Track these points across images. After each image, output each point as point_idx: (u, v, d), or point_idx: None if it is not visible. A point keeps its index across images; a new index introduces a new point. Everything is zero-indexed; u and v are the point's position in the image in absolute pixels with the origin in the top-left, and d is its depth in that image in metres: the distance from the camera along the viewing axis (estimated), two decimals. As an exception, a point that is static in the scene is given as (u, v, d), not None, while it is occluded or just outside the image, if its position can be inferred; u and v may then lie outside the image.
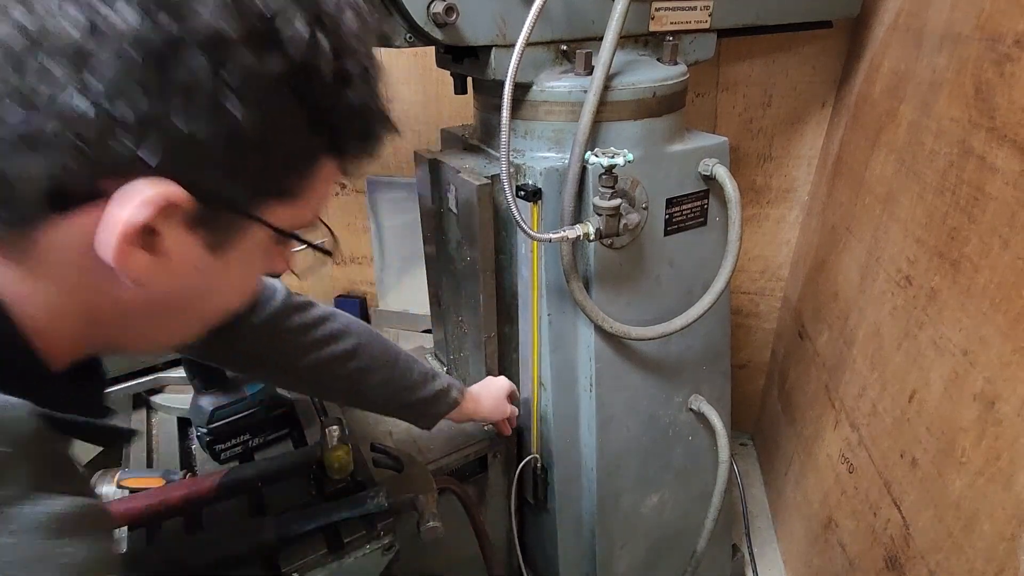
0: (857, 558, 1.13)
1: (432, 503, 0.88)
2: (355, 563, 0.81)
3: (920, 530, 0.93)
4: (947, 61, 0.97)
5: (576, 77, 0.95)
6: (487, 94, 1.07)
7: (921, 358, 0.97)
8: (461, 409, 1.00)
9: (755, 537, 1.63)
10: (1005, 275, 0.78)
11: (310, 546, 0.81)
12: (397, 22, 0.88)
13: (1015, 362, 0.75)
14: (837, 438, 1.27)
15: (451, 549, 1.15)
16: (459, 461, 1.15)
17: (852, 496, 1.18)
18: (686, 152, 1.02)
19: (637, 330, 1.03)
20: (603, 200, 0.88)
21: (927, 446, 0.93)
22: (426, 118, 1.79)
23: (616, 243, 0.99)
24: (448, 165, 1.06)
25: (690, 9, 1.05)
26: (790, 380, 1.65)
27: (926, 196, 0.99)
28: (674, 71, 1.00)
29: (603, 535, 1.20)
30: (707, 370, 1.21)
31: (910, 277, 1.02)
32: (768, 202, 1.68)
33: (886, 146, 1.17)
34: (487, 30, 0.91)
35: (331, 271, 2.17)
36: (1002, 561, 0.74)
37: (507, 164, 0.87)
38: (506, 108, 0.85)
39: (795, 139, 1.59)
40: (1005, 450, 0.76)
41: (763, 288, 1.82)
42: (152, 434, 1.05)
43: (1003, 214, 0.79)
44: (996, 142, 0.81)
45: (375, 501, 0.85)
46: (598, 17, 0.96)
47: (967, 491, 0.82)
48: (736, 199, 0.99)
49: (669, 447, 1.23)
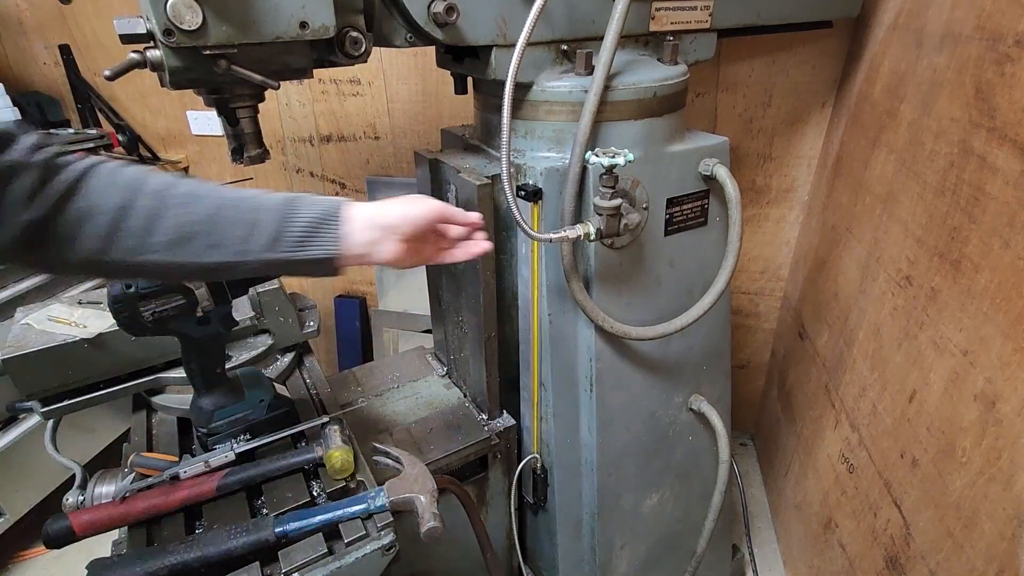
0: (857, 558, 1.13)
1: (432, 503, 0.88)
2: (355, 563, 0.81)
3: (920, 530, 0.93)
4: (947, 61, 0.97)
5: (577, 77, 0.95)
6: (487, 94, 1.07)
7: (921, 358, 0.97)
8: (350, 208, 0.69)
9: (755, 537, 1.63)
10: (1005, 275, 0.78)
11: (310, 546, 0.81)
12: (397, 22, 0.88)
13: (1015, 362, 0.75)
14: (837, 438, 1.27)
15: (451, 549, 1.15)
16: (459, 461, 1.15)
17: (852, 496, 1.18)
18: (686, 152, 1.02)
19: (637, 330, 1.03)
20: (604, 200, 0.88)
21: (927, 446, 0.93)
22: (426, 118, 1.79)
23: (616, 243, 0.99)
24: (448, 165, 1.06)
25: (690, 9, 1.05)
26: (790, 380, 1.65)
27: (926, 196, 0.99)
28: (674, 71, 1.00)
29: (603, 535, 1.20)
30: (707, 370, 1.21)
31: (910, 277, 1.02)
32: (768, 202, 1.69)
33: (886, 146, 1.17)
34: (488, 30, 0.91)
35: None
36: (1002, 561, 0.74)
37: (507, 164, 0.87)
38: (507, 108, 0.85)
39: (795, 139, 1.59)
40: (1005, 450, 0.76)
41: (763, 288, 1.82)
42: (152, 434, 1.05)
43: (1003, 214, 0.79)
44: (996, 142, 0.81)
45: (375, 501, 0.85)
46: (598, 17, 0.96)
47: (967, 491, 0.82)
48: (736, 199, 0.99)
49: (669, 447, 1.23)
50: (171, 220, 0.62)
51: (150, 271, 0.64)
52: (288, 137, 1.92)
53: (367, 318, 2.19)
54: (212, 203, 0.64)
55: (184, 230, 0.62)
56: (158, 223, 0.61)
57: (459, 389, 1.33)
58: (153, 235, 0.61)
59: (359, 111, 1.83)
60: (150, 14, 0.66)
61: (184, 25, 0.66)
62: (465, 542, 1.10)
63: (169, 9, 0.64)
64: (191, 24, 0.66)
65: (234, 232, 0.64)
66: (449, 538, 0.89)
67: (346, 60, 0.81)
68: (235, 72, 0.73)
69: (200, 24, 0.66)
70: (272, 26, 0.72)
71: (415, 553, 1.10)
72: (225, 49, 0.70)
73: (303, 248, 0.66)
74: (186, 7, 0.65)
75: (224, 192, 0.66)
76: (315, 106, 1.85)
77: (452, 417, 1.23)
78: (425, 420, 1.23)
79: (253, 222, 0.64)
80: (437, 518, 0.86)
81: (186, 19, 0.65)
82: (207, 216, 0.63)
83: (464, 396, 1.30)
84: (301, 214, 0.66)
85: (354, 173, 1.95)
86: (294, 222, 0.66)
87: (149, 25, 0.68)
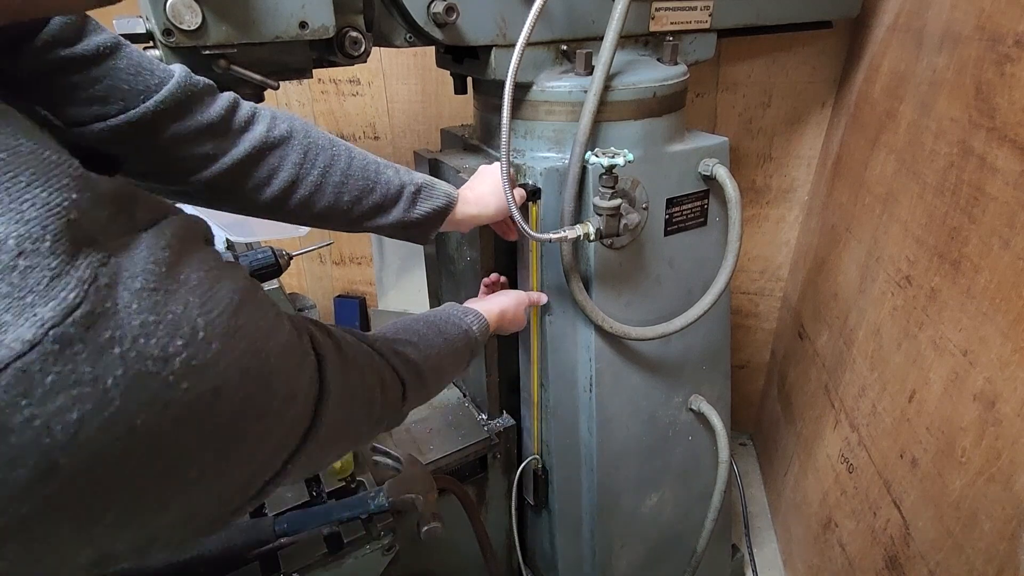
0: (857, 558, 1.13)
1: (432, 503, 0.88)
2: (355, 563, 0.81)
3: (920, 530, 0.93)
4: (947, 61, 0.97)
5: (576, 77, 0.95)
6: (487, 94, 1.07)
7: (921, 358, 0.97)
8: (462, 205, 0.87)
9: (755, 537, 1.63)
10: (1005, 275, 0.78)
11: (310, 546, 0.81)
12: (397, 22, 0.87)
13: (1015, 362, 0.75)
14: (837, 438, 1.27)
15: (451, 549, 1.15)
16: (459, 461, 1.15)
17: (852, 496, 1.18)
18: (686, 152, 1.02)
19: (637, 330, 1.03)
20: (603, 200, 0.88)
21: (927, 446, 0.93)
22: (426, 118, 1.79)
23: (616, 243, 0.99)
24: (448, 165, 1.06)
25: (690, 9, 1.05)
26: (790, 380, 1.65)
27: (926, 196, 0.99)
28: (674, 71, 1.00)
29: (603, 535, 1.20)
30: (707, 370, 1.21)
31: (910, 277, 1.02)
32: (768, 202, 1.69)
33: (886, 146, 1.17)
34: (487, 30, 0.91)
35: (331, 271, 2.17)
36: (1002, 561, 0.74)
37: (507, 164, 0.87)
38: (506, 108, 0.84)
39: (795, 139, 1.59)
40: (1005, 450, 0.76)
41: (763, 288, 1.82)
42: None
43: (1003, 214, 0.79)
44: (996, 142, 0.81)
45: (375, 501, 0.85)
46: (598, 17, 0.96)
47: (967, 491, 0.82)
48: (736, 199, 0.99)
49: (669, 447, 1.23)
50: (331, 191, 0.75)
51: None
52: (288, 137, 1.92)
53: (367, 318, 2.19)
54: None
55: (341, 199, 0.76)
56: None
57: (459, 389, 1.33)
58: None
59: (359, 111, 1.83)
60: (150, 14, 0.66)
61: (183, 25, 0.66)
62: (465, 542, 1.10)
63: (168, 9, 0.64)
64: (190, 24, 0.66)
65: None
66: (449, 538, 0.89)
67: (346, 60, 0.81)
68: (235, 72, 0.73)
69: (199, 24, 0.66)
70: (272, 26, 0.72)
71: (415, 553, 1.10)
72: (224, 49, 0.70)
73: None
74: (185, 7, 0.65)
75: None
76: (315, 106, 1.85)
77: (452, 417, 1.23)
78: (425, 420, 1.23)
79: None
80: (437, 518, 0.86)
81: (185, 19, 0.65)
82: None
83: (464, 396, 1.30)
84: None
85: (354, 173, 1.95)
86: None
87: (149, 25, 0.68)
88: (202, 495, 0.32)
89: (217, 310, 0.31)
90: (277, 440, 0.38)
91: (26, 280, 0.25)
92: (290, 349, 0.38)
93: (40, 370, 0.25)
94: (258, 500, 0.39)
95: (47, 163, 0.28)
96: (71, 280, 0.26)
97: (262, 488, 0.39)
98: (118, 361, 0.27)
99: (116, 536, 0.29)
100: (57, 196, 0.27)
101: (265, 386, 0.34)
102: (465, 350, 0.79)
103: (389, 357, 0.61)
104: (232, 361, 0.31)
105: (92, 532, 0.29)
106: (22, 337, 0.24)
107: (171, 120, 0.62)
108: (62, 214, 0.27)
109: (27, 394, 0.24)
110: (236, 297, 0.32)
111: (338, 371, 0.46)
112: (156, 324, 0.28)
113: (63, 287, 0.26)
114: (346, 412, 0.48)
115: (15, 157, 0.27)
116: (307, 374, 0.41)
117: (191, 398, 0.29)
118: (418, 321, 0.75)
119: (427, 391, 0.69)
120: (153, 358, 0.28)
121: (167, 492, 0.30)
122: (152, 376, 0.28)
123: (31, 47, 0.53)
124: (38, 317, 0.25)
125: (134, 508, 0.29)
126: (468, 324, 0.80)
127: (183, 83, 0.62)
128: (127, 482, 0.28)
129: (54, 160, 0.29)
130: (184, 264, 0.31)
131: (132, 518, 0.29)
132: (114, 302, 0.27)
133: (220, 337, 0.31)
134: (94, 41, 0.57)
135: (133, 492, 0.29)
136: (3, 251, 0.25)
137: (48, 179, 0.28)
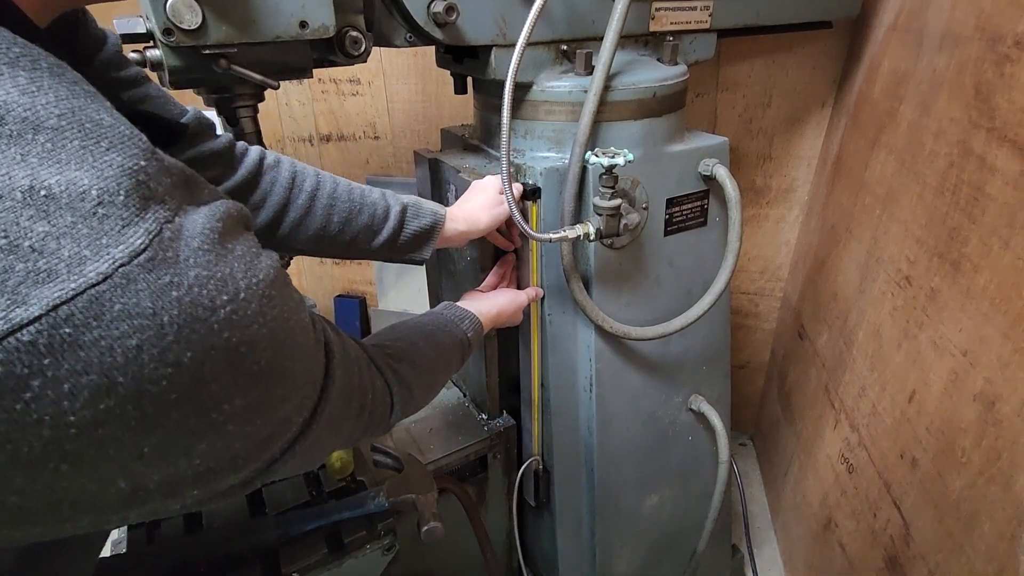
0: (857, 558, 1.13)
1: (432, 503, 0.88)
2: (355, 563, 0.81)
3: (920, 530, 0.93)
4: (947, 61, 0.97)
5: (576, 77, 0.95)
6: (487, 94, 1.07)
7: (921, 358, 0.97)
8: (451, 223, 0.90)
9: (755, 537, 1.63)
10: (1005, 275, 0.78)
11: (310, 546, 0.81)
12: (397, 22, 0.88)
13: (1015, 362, 0.75)
14: (837, 438, 1.27)
15: (451, 549, 1.15)
16: (459, 461, 1.15)
17: (852, 496, 1.18)
18: (686, 152, 1.02)
19: (637, 330, 1.03)
20: (603, 200, 0.88)
21: (927, 446, 0.93)
22: (426, 118, 1.79)
23: (616, 243, 0.99)
24: (448, 165, 1.06)
25: (690, 9, 1.05)
26: (790, 380, 1.65)
27: (926, 196, 0.99)
28: (674, 71, 1.00)
29: (603, 535, 1.20)
30: (707, 370, 1.21)
31: (910, 277, 1.02)
32: (768, 202, 1.69)
33: (886, 146, 1.17)
34: (487, 30, 0.91)
35: (331, 271, 2.17)
36: (1002, 561, 0.74)
37: (507, 164, 0.87)
38: (506, 108, 0.85)
39: (795, 139, 1.59)
40: (1005, 450, 0.76)
41: (763, 288, 1.82)
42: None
43: (1003, 214, 0.79)
44: (996, 142, 0.81)
45: (375, 501, 0.85)
46: (598, 17, 0.96)
47: (967, 491, 0.82)
48: (736, 199, 0.99)
49: (669, 447, 1.23)
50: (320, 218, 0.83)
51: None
52: (288, 137, 1.92)
53: (367, 318, 2.19)
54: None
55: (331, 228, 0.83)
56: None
57: (459, 389, 1.33)
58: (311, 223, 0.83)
59: (359, 111, 1.83)
60: (150, 14, 0.66)
61: (184, 24, 0.66)
62: (465, 542, 1.10)
63: (169, 9, 0.64)
64: (191, 24, 0.66)
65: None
66: (449, 538, 0.89)
67: (346, 60, 0.81)
68: (235, 72, 0.73)
69: (200, 24, 0.67)
70: (272, 26, 0.72)
71: (415, 553, 1.10)
72: (225, 48, 0.70)
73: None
74: (186, 7, 0.65)
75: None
76: (315, 106, 1.85)
77: (452, 417, 1.23)
78: (425, 420, 1.23)
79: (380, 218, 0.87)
80: (437, 518, 0.86)
81: (186, 19, 0.65)
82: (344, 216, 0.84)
83: (464, 396, 1.30)
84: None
85: (354, 173, 1.95)
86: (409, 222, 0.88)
87: (149, 25, 0.68)
88: (223, 442, 0.37)
89: (257, 279, 0.37)
90: (290, 409, 0.42)
91: (103, 225, 0.31)
92: (308, 331, 0.44)
93: (110, 299, 0.30)
94: (261, 479, 0.43)
95: (122, 135, 0.34)
96: (139, 229, 0.32)
97: (266, 468, 0.42)
98: (175, 303, 0.32)
99: (148, 470, 0.34)
100: (130, 160, 0.33)
101: (288, 355, 0.39)
102: (457, 358, 0.83)
103: (383, 369, 0.64)
104: (265, 323, 0.37)
105: (129, 463, 0.33)
106: (98, 270, 0.30)
107: (189, 145, 0.73)
108: (133, 175, 0.33)
109: (98, 317, 0.29)
110: (272, 273, 0.38)
111: (341, 365, 0.50)
112: (208, 279, 0.34)
113: (132, 234, 0.31)
114: (342, 407, 0.51)
115: (98, 128, 0.34)
116: (318, 359, 0.46)
117: (230, 346, 0.34)
118: (415, 330, 0.78)
119: (415, 405, 0.73)
120: (203, 306, 0.33)
121: (198, 429, 0.35)
122: (201, 321, 0.33)
123: (91, 69, 0.62)
124: (111, 255, 0.30)
125: (168, 442, 0.34)
126: (463, 332, 0.84)
127: (198, 115, 0.75)
128: (166, 413, 0.33)
129: (128, 134, 0.35)
130: (232, 238, 0.37)
131: (164, 453, 0.34)
132: (175, 253, 0.33)
133: (257, 300, 0.36)
134: (134, 69, 0.69)
135: (169, 425, 0.33)
136: (87, 200, 0.31)
137: (123, 147, 0.34)
